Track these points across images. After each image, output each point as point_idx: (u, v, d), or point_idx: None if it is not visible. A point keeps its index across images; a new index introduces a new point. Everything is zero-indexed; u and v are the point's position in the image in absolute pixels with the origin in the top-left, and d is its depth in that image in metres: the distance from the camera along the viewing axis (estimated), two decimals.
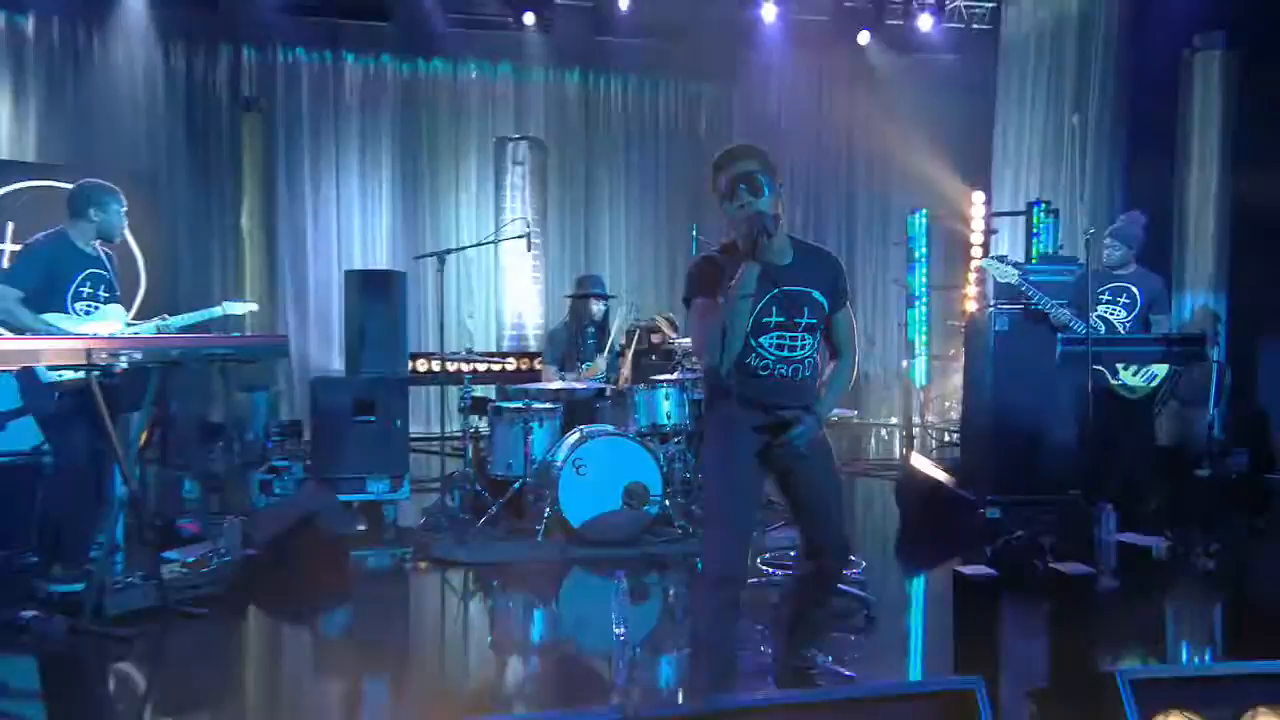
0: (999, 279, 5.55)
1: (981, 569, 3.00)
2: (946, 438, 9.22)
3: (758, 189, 2.67)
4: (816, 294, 2.77)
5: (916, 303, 8.92)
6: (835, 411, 3.00)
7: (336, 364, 8.62)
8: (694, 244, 5.91)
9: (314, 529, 4.64)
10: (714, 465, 2.81)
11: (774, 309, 2.73)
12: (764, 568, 4.31)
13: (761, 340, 2.74)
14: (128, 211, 4.42)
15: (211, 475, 6.44)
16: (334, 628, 4.30)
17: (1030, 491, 5.64)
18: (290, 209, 9.54)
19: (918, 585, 5.01)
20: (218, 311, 4.68)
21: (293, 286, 9.50)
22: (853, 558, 4.35)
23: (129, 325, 4.36)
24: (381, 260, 9.51)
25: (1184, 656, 3.72)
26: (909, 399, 9.13)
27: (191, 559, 4.41)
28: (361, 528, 5.35)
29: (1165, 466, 5.87)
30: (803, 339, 2.77)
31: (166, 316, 4.54)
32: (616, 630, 3.67)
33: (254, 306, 5.41)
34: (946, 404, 9.95)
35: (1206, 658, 3.66)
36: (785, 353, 2.75)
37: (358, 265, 9.15)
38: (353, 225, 9.72)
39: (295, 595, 4.39)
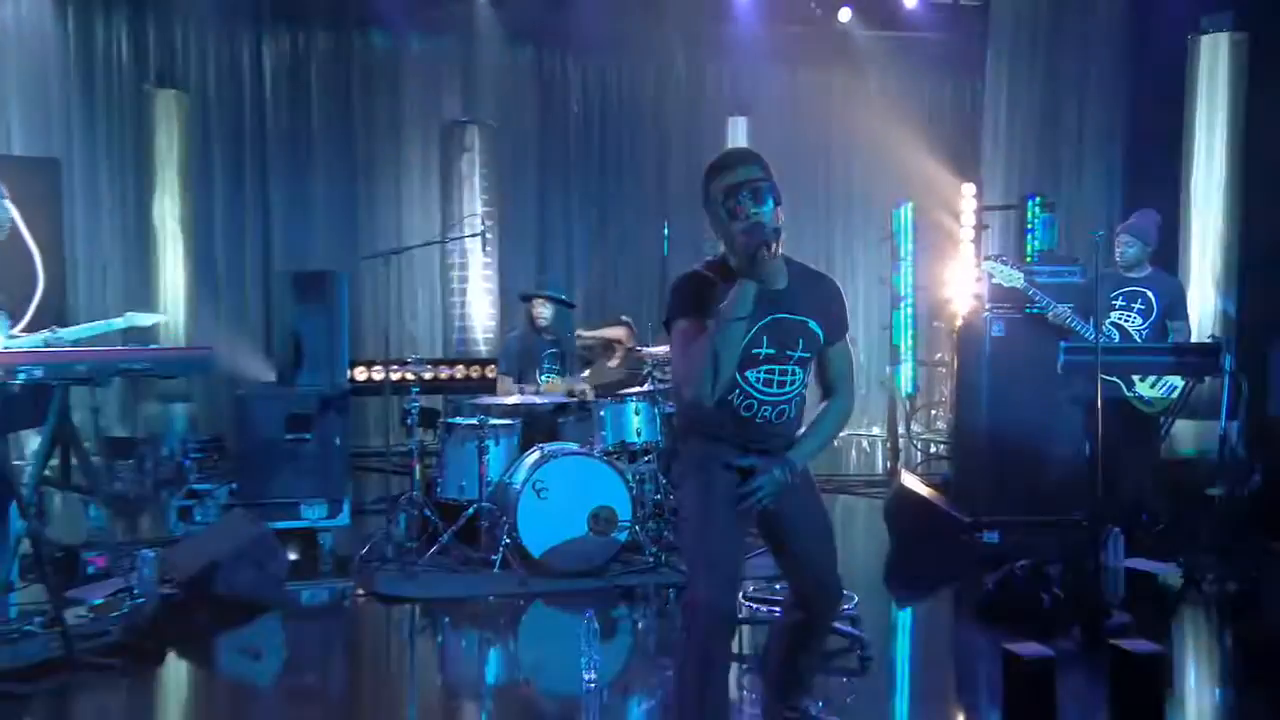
0: (1004, 283, 5.54)
1: (1036, 648, 2.95)
2: (933, 449, 9.25)
3: (761, 198, 2.60)
4: (813, 324, 2.70)
5: (902, 304, 8.92)
6: None
7: (266, 374, 8.39)
8: (665, 243, 5.84)
9: (241, 562, 4.49)
10: (693, 503, 2.73)
11: (765, 339, 2.66)
12: (748, 604, 4.23)
13: (748, 375, 2.66)
14: (15, 200, 4.20)
15: (121, 499, 6.24)
16: (265, 676, 4.15)
17: (1029, 512, 5.65)
18: (209, 198, 9.31)
19: (915, 620, 4.98)
20: (119, 323, 4.48)
21: (214, 286, 9.27)
22: (845, 591, 4.32)
23: (11, 338, 4.13)
24: (315, 257, 9.32)
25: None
26: (893, 408, 9.13)
27: (99, 600, 4.24)
28: (293, 557, 5.20)
29: (1173, 485, 5.90)
30: (793, 373, 2.70)
31: (56, 329, 4.32)
32: (586, 675, 3.60)
33: (162, 317, 5.21)
34: (933, 413, 10.00)
35: None
36: (774, 390, 2.68)
37: (288, 263, 8.96)
38: (281, 218, 9.50)
39: (220, 640, 4.25)
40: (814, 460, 2.82)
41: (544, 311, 5.82)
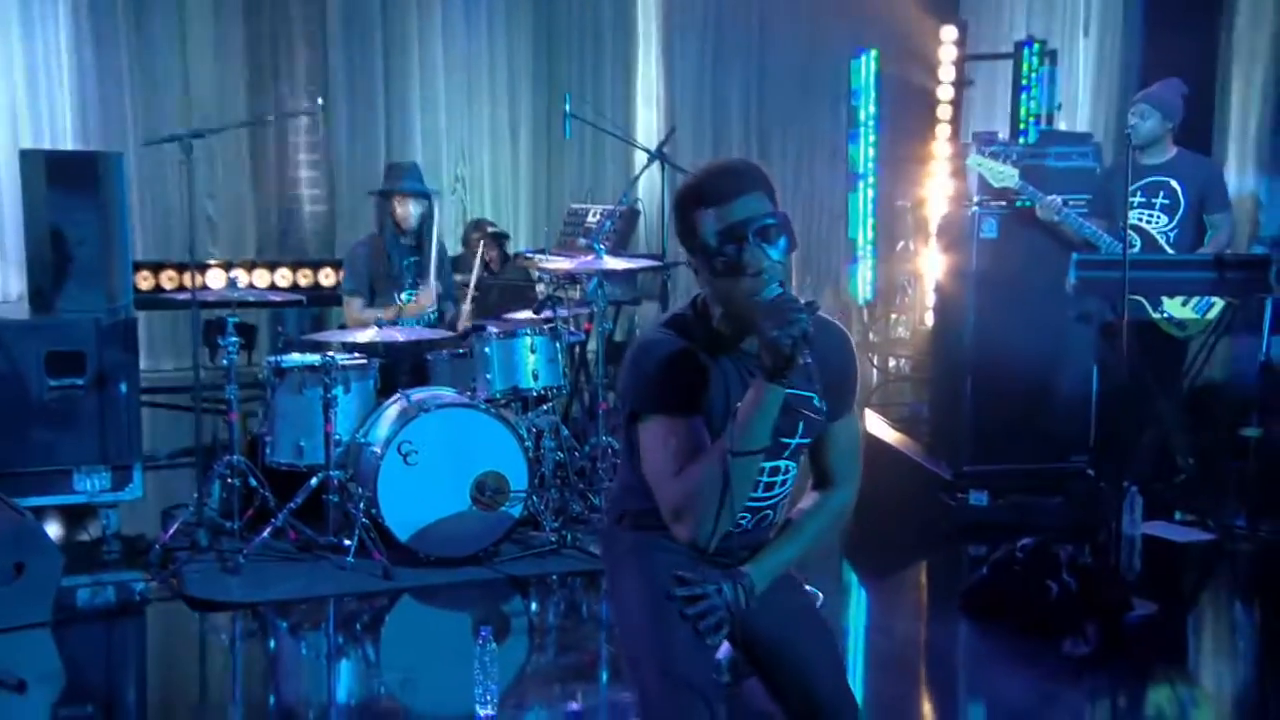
0: (994, 183, 5.61)
1: None
2: (893, 363, 9.41)
3: (772, 239, 2.34)
4: (818, 400, 2.46)
5: (860, 184, 8.97)
6: None
7: (11, 291, 8.13)
8: (565, 122, 5.73)
9: None
10: (640, 610, 2.51)
11: None
12: None
13: None
14: None
15: None
16: (31, 715, 3.98)
17: (1021, 460, 5.81)
18: None
19: (887, 615, 5.10)
20: None
21: None
22: (809, 588, 4.41)
23: None
24: (66, 133, 8.79)
25: None
26: (847, 320, 9.25)
27: None
28: (54, 531, 5.13)
29: (1197, 423, 6.15)
30: (787, 470, 2.53)
31: None
32: (483, 713, 3.60)
33: None
34: (894, 317, 10.14)
35: None
36: (760, 493, 2.50)
37: (28, 139, 8.43)
38: (11, 71, 8.86)
39: None
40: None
41: (409, 210, 5.75)
